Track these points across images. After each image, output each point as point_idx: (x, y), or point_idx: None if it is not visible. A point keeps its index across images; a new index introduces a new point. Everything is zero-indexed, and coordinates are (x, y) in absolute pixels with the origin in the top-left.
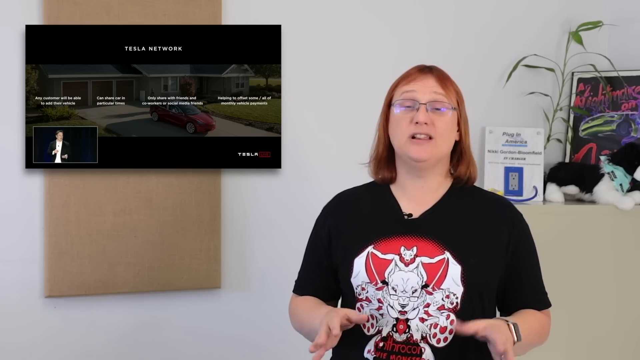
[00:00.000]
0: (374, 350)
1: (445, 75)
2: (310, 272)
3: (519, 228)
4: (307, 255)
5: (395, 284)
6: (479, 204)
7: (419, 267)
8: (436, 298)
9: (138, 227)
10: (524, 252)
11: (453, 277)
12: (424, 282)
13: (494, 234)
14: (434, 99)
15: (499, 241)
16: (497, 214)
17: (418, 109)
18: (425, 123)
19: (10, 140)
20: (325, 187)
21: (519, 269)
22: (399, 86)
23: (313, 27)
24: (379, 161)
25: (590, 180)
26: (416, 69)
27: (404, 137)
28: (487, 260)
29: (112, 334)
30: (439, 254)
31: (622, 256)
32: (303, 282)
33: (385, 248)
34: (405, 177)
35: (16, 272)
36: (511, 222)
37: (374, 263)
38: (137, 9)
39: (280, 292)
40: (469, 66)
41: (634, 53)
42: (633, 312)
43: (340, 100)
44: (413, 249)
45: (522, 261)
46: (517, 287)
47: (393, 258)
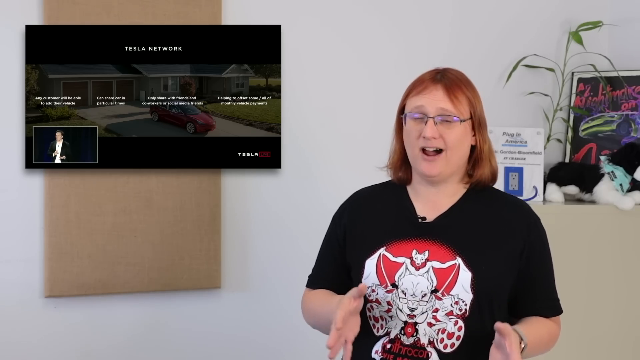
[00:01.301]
0: (381, 351)
1: (456, 83)
2: (325, 267)
3: (535, 234)
4: (322, 250)
5: (405, 288)
6: (495, 209)
7: (430, 271)
8: (445, 304)
9: (138, 227)
10: (537, 258)
11: (463, 284)
12: (433, 287)
13: (507, 240)
14: (442, 113)
15: (512, 248)
16: (513, 219)
17: (427, 122)
18: (434, 137)
19: (10, 140)
20: (325, 187)
21: (532, 275)
22: (410, 96)
23: (313, 28)
24: (396, 167)
25: (590, 180)
26: (428, 76)
27: (415, 150)
28: (498, 268)
29: (112, 334)
30: (451, 259)
31: (622, 256)
32: (317, 277)
33: (397, 251)
34: (419, 183)
35: (16, 272)
36: (527, 227)
37: (384, 265)
38: (137, 9)
39: (281, 292)
40: (468, 66)
41: (634, 53)
42: (632, 312)
43: (340, 100)
44: (425, 252)
45: (536, 268)
46: (528, 293)
47: (404, 261)
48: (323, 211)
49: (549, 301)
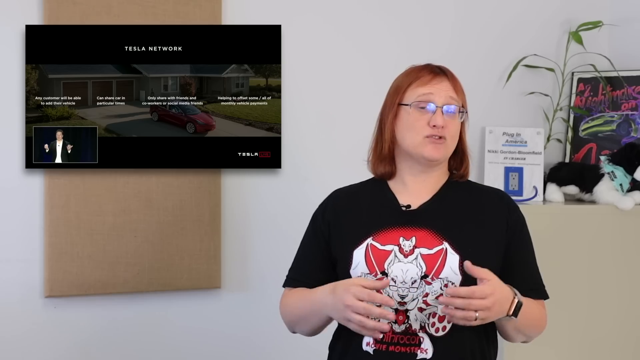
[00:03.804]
0: (373, 342)
1: (456, 78)
2: (306, 266)
3: (515, 217)
4: (302, 249)
5: (395, 275)
6: (476, 195)
7: (418, 258)
8: (434, 287)
9: (138, 227)
10: (520, 240)
11: (451, 266)
12: (423, 273)
13: (491, 223)
14: (449, 103)
15: (496, 230)
16: (494, 203)
17: (435, 112)
18: (442, 126)
19: (10, 140)
20: (325, 187)
21: (515, 256)
22: (412, 87)
23: (313, 27)
24: (383, 159)
25: (590, 180)
26: (428, 71)
27: (419, 137)
28: (484, 249)
29: (112, 334)
30: (438, 244)
31: (622, 256)
32: (299, 275)
33: (385, 239)
34: (407, 173)
35: (16, 272)
36: (507, 210)
37: (373, 254)
38: (137, 9)
39: (281, 292)
40: (468, 66)
41: (634, 53)
42: (633, 312)
43: (340, 100)
44: (412, 239)
45: (518, 249)
46: (511, 274)
47: (392, 249)
48: None
49: (532, 284)
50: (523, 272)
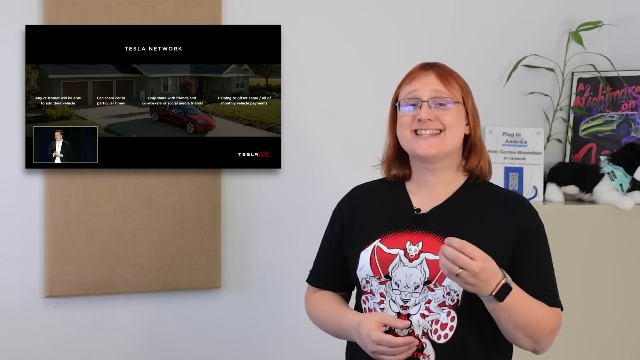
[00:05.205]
0: None
1: (447, 71)
2: (324, 264)
3: (528, 222)
4: (322, 246)
5: (398, 279)
6: (491, 200)
7: (423, 263)
8: (437, 294)
9: (138, 227)
10: (530, 244)
11: None
12: (426, 279)
13: (501, 231)
14: (435, 95)
15: (505, 238)
16: (507, 208)
17: (421, 107)
18: (429, 119)
19: (10, 140)
20: (325, 187)
21: (524, 259)
22: (403, 85)
23: (313, 28)
24: (390, 162)
25: (590, 180)
26: (418, 67)
27: (407, 132)
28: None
29: (112, 334)
30: None
31: (621, 256)
32: (317, 273)
33: (392, 242)
34: (418, 174)
35: (16, 272)
36: (520, 216)
37: (378, 257)
38: (137, 9)
39: (281, 292)
40: (468, 66)
41: (634, 53)
42: (632, 312)
43: (340, 100)
44: (419, 244)
45: (528, 253)
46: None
47: (398, 253)
48: (323, 211)
49: (543, 289)
50: (533, 277)
